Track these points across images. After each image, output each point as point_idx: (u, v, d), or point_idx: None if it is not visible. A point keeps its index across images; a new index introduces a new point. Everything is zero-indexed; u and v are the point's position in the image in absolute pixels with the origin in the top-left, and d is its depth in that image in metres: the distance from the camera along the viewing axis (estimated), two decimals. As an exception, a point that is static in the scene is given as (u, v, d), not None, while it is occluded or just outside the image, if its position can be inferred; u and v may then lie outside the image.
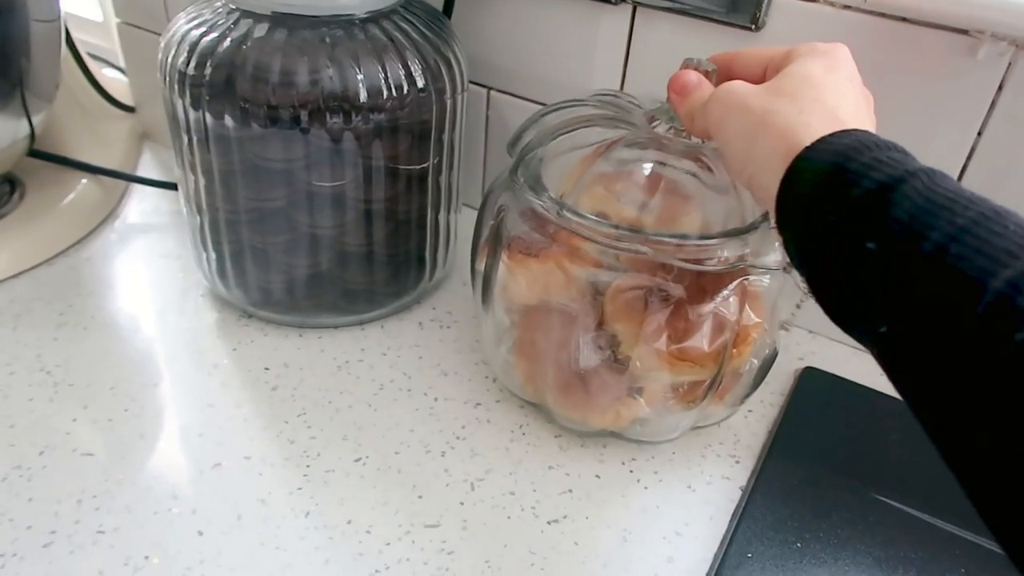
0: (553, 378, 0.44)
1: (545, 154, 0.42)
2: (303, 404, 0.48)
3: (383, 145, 0.47)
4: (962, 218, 0.25)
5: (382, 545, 0.40)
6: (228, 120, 0.45)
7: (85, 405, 0.46)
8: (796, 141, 0.30)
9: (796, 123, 0.31)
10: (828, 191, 0.28)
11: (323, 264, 0.51)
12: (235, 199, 0.48)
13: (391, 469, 0.44)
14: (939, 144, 0.46)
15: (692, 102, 0.38)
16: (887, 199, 0.26)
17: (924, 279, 0.25)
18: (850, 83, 0.34)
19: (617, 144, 0.41)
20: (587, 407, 0.44)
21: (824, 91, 0.33)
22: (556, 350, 0.43)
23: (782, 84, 0.34)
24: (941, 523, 0.42)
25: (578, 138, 0.42)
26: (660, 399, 0.43)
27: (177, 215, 0.64)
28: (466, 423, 0.47)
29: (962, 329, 0.24)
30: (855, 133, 0.30)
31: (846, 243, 0.27)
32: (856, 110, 0.33)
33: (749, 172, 0.33)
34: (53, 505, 0.40)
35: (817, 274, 0.29)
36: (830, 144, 0.29)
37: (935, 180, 0.26)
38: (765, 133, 0.32)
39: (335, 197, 0.48)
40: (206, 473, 0.43)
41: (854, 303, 0.28)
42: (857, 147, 0.29)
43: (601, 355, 0.42)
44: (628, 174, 0.41)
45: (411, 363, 0.52)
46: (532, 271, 0.42)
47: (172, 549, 0.39)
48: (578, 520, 0.42)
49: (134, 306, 0.55)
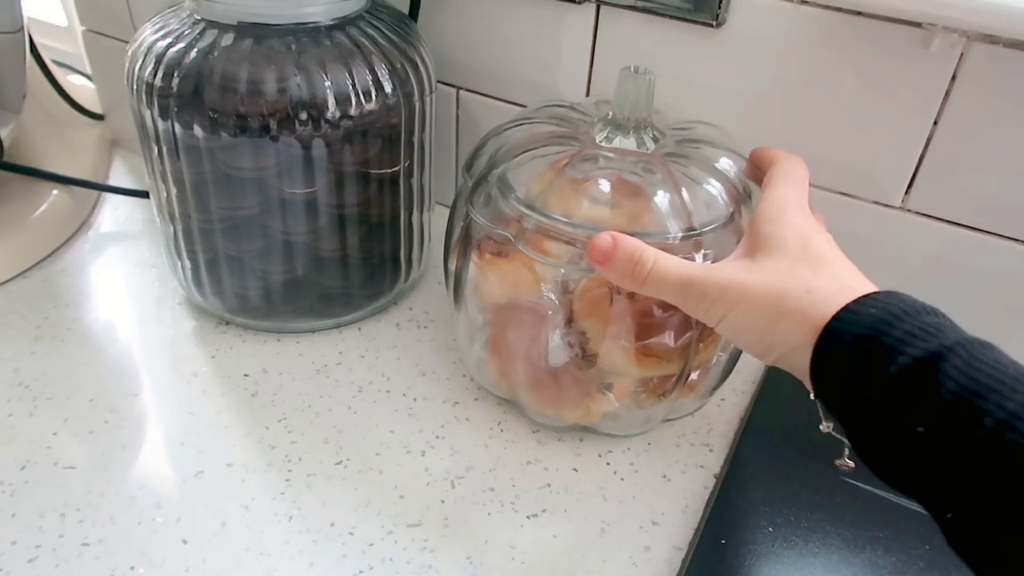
0: (524, 374, 0.45)
1: (509, 164, 0.43)
2: (283, 409, 0.48)
3: (353, 150, 0.48)
4: (1013, 402, 0.25)
5: (365, 546, 0.40)
6: (197, 130, 0.45)
7: (65, 418, 0.47)
8: (817, 319, 0.31)
9: (810, 303, 0.31)
10: (864, 367, 0.29)
11: (298, 270, 0.51)
12: (208, 208, 0.49)
13: (372, 470, 0.45)
14: (897, 134, 0.47)
15: (625, 271, 0.36)
16: (930, 379, 0.27)
17: (985, 463, 0.25)
18: (827, 244, 0.35)
19: (574, 158, 0.42)
20: (559, 402, 0.45)
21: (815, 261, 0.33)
22: (527, 347, 0.44)
23: (772, 257, 0.33)
24: (906, 502, 0.44)
25: (540, 151, 0.43)
26: (629, 394, 0.44)
27: (151, 223, 0.64)
28: (445, 422, 0.48)
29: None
30: (878, 299, 0.30)
31: (893, 423, 0.28)
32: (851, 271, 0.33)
33: (774, 357, 0.34)
34: (37, 519, 0.41)
35: (866, 450, 0.30)
36: (857, 315, 0.30)
37: (974, 354, 0.27)
38: (780, 321, 0.32)
39: (307, 203, 0.48)
40: (189, 481, 0.43)
41: (910, 481, 0.28)
42: (887, 319, 0.29)
43: (570, 352, 0.43)
44: (592, 178, 0.42)
45: (389, 364, 0.52)
46: (502, 271, 0.43)
47: (157, 558, 0.39)
48: (557, 513, 0.43)
49: (111, 316, 0.55)
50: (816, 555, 0.41)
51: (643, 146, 0.43)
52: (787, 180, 0.38)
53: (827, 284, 0.32)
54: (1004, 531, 0.25)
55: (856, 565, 0.40)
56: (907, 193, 0.49)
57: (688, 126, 0.46)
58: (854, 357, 0.29)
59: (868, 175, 0.50)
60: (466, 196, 0.44)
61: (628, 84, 0.42)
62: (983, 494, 0.25)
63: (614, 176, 0.41)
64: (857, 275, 0.33)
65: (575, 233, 0.40)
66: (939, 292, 0.51)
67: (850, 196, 0.51)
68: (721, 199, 0.41)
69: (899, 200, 0.49)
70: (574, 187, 0.41)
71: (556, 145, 0.43)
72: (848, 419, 0.31)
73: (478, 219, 0.43)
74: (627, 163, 0.41)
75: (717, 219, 0.40)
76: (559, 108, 0.46)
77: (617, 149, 0.42)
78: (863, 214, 0.51)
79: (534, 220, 0.40)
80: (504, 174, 0.43)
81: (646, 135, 0.43)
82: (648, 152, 0.42)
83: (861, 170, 0.50)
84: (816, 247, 0.34)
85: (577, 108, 0.46)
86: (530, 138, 0.44)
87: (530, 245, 0.41)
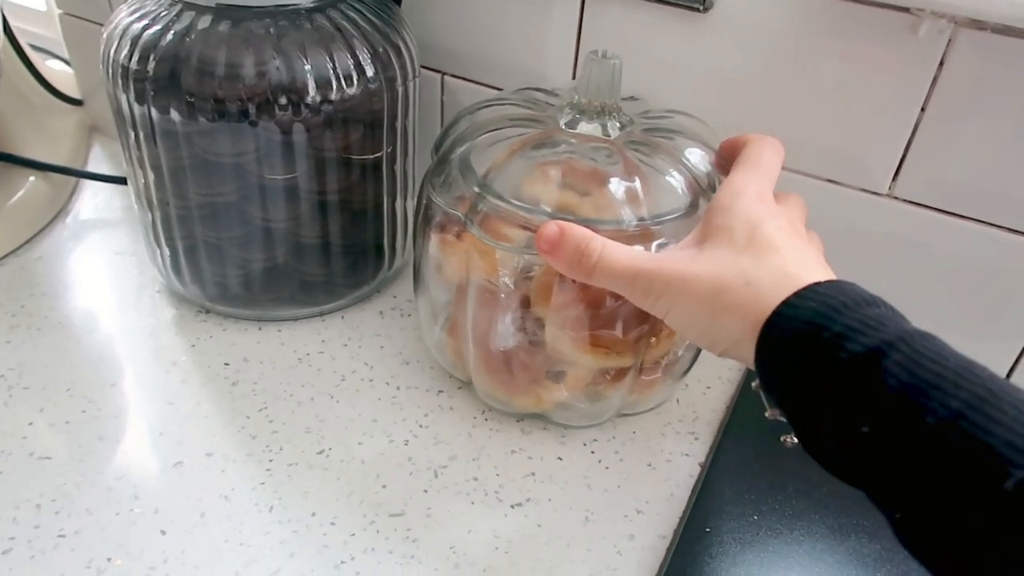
0: (476, 357, 0.45)
1: (472, 145, 0.42)
2: (264, 398, 0.48)
3: (334, 136, 0.47)
4: (955, 399, 0.25)
5: (347, 536, 0.40)
6: (174, 114, 0.44)
7: (41, 408, 0.46)
8: (757, 313, 0.30)
9: (750, 296, 0.31)
10: (805, 363, 0.28)
11: (279, 257, 0.50)
12: (186, 194, 0.48)
13: (354, 460, 0.44)
14: (884, 120, 0.47)
15: (572, 261, 0.35)
16: (872, 376, 0.26)
17: (929, 462, 0.25)
18: (779, 230, 0.33)
19: (532, 141, 0.41)
20: (509, 387, 0.45)
21: (761, 250, 0.32)
22: (480, 329, 0.43)
23: (718, 247, 0.33)
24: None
25: (504, 132, 0.43)
26: (582, 385, 0.44)
27: (130, 210, 0.63)
28: (429, 411, 0.48)
29: (993, 504, 0.23)
30: (818, 291, 0.30)
31: (836, 421, 0.27)
32: (798, 259, 0.32)
33: (720, 351, 0.33)
34: (11, 510, 0.40)
35: (811, 445, 0.30)
36: (795, 309, 0.29)
37: (916, 347, 0.26)
38: (721, 315, 0.32)
39: (288, 190, 0.47)
40: (168, 472, 0.43)
41: (856, 477, 0.28)
42: (826, 312, 0.28)
43: (520, 336, 0.42)
44: (546, 162, 0.41)
45: (372, 353, 0.52)
46: (458, 252, 0.42)
47: (135, 550, 0.39)
48: (541, 502, 0.43)
49: (89, 305, 0.54)
50: (801, 543, 0.41)
51: (607, 133, 0.42)
52: (751, 164, 0.36)
53: (768, 275, 0.31)
54: (951, 530, 0.25)
55: (841, 553, 0.40)
56: (894, 180, 0.49)
57: (664, 115, 0.45)
58: (795, 352, 0.29)
59: (855, 162, 0.49)
60: (428, 173, 0.43)
61: (594, 69, 0.41)
62: (928, 493, 0.25)
63: (568, 161, 0.41)
64: (804, 263, 0.32)
65: (526, 217, 0.39)
66: (926, 281, 0.51)
67: (836, 183, 0.50)
68: (681, 190, 0.40)
69: (886, 187, 0.49)
70: (528, 170, 0.41)
71: (520, 127, 0.42)
72: (792, 414, 0.30)
73: (435, 199, 0.42)
74: (586, 149, 0.41)
75: (674, 211, 0.40)
76: (536, 92, 0.46)
77: (579, 135, 0.42)
78: (849, 201, 0.50)
79: (488, 202, 0.40)
80: (466, 155, 0.42)
81: (611, 121, 0.42)
82: (610, 139, 0.42)
83: (848, 157, 0.49)
84: (765, 235, 0.33)
85: (554, 92, 0.46)
86: (496, 119, 0.43)
87: (484, 228, 0.40)
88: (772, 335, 0.30)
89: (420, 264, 0.46)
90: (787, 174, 0.51)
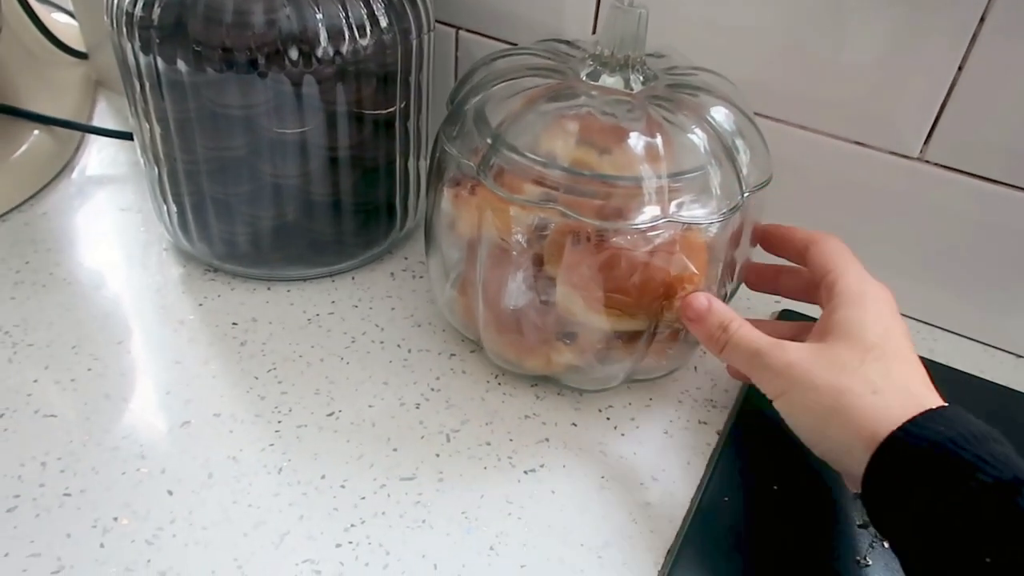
0: (486, 316, 0.43)
1: (487, 95, 0.41)
2: (273, 359, 0.47)
3: (346, 89, 0.45)
4: None
5: (357, 499, 0.39)
6: (181, 64, 0.43)
7: (46, 365, 0.45)
8: (878, 424, 0.30)
9: (871, 405, 0.31)
10: (931, 486, 0.28)
11: (288, 215, 0.49)
12: (193, 148, 0.46)
13: (365, 423, 0.43)
14: (918, 79, 0.45)
15: (712, 335, 0.38)
16: (1006, 507, 0.26)
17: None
18: (905, 337, 0.34)
19: (549, 92, 0.40)
20: (519, 348, 0.44)
21: (891, 357, 0.32)
22: (491, 288, 0.42)
23: (846, 343, 0.33)
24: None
25: (521, 82, 0.41)
26: (593, 347, 0.42)
27: (136, 166, 0.62)
28: (440, 374, 0.47)
29: None
30: (946, 415, 0.30)
31: (959, 546, 0.27)
32: (922, 376, 0.33)
33: (823, 450, 0.33)
34: (16, 468, 0.39)
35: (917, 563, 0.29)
36: (924, 430, 0.29)
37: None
38: (839, 415, 0.31)
39: (298, 144, 0.46)
40: (175, 431, 0.42)
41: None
42: (958, 439, 0.28)
43: (531, 295, 0.41)
44: (564, 114, 0.39)
45: (383, 315, 0.51)
46: (470, 208, 0.41)
47: (142, 509, 0.38)
48: (555, 469, 0.42)
49: (95, 262, 0.53)
50: (823, 511, 0.40)
51: (629, 87, 0.40)
52: (850, 258, 0.38)
53: (895, 388, 0.31)
54: None
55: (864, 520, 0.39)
56: (926, 143, 0.47)
57: (690, 72, 0.43)
58: (919, 473, 0.29)
59: (885, 124, 0.48)
60: (441, 127, 0.42)
61: (618, 18, 0.39)
62: None
63: (587, 117, 0.39)
64: (926, 382, 0.33)
65: (542, 171, 0.38)
66: (957, 249, 0.49)
67: (865, 146, 0.49)
68: (704, 149, 0.39)
69: (917, 150, 0.47)
70: (545, 124, 0.39)
71: (538, 77, 0.41)
72: (899, 531, 0.30)
73: (448, 149, 0.41)
74: (607, 102, 0.39)
75: (695, 168, 0.38)
76: (557, 43, 0.44)
77: (600, 87, 0.40)
78: (878, 165, 0.49)
79: (502, 155, 0.38)
80: (481, 105, 0.41)
81: (634, 75, 0.41)
82: (632, 93, 0.40)
83: (878, 118, 0.48)
84: (896, 342, 0.33)
85: (576, 44, 0.44)
86: (514, 69, 0.42)
87: (498, 182, 0.39)
88: (895, 449, 0.30)
89: (432, 220, 0.44)
90: (813, 136, 0.50)
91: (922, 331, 0.53)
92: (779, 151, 0.43)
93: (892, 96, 0.46)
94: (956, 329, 0.53)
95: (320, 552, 0.37)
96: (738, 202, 0.39)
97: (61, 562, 0.35)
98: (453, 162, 0.41)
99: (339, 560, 0.36)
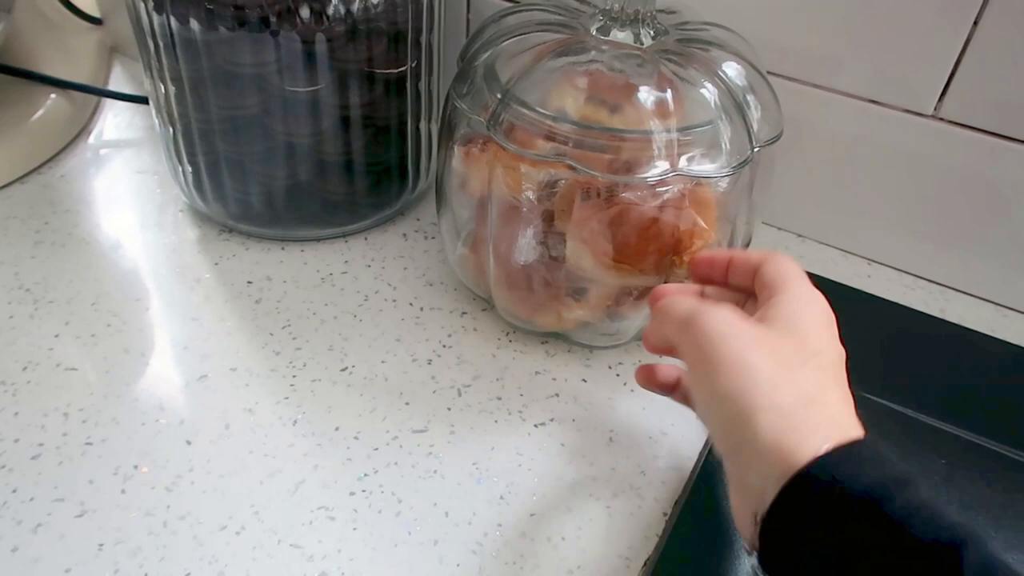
0: (497, 273, 0.44)
1: (496, 50, 0.41)
2: (287, 316, 0.47)
3: (357, 48, 0.45)
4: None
5: (370, 450, 0.40)
6: (193, 23, 0.43)
7: (67, 321, 0.46)
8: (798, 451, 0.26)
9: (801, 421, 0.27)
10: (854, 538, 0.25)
11: (301, 175, 0.49)
12: (207, 108, 0.47)
13: (378, 377, 0.44)
14: (932, 35, 0.45)
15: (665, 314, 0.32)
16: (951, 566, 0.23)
17: None
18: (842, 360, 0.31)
19: (559, 47, 0.40)
20: (529, 305, 0.44)
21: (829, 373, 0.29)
22: (501, 245, 0.42)
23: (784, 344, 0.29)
24: (922, 416, 0.43)
25: (531, 38, 0.41)
26: (603, 303, 0.43)
27: (151, 130, 0.62)
28: (452, 331, 0.47)
29: None
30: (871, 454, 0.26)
31: None
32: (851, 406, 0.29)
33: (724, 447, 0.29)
34: (39, 418, 0.40)
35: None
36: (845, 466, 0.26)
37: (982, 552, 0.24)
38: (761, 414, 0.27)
39: (310, 103, 0.46)
40: (192, 385, 0.43)
41: None
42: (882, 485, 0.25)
43: (541, 251, 0.41)
44: (572, 69, 0.39)
45: (396, 274, 0.51)
46: (480, 165, 0.41)
47: (161, 458, 0.39)
48: (565, 423, 0.42)
49: (112, 222, 0.54)
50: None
51: (639, 41, 0.40)
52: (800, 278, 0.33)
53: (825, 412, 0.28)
54: None
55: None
56: (940, 100, 0.46)
57: (701, 27, 0.43)
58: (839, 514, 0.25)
59: (899, 81, 0.47)
60: (451, 83, 0.42)
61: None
62: None
63: (596, 73, 0.39)
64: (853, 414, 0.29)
65: (551, 126, 0.38)
66: (973, 209, 0.49)
67: (878, 103, 0.48)
68: (714, 103, 0.39)
69: (931, 108, 0.47)
70: (554, 80, 0.39)
71: (548, 33, 0.41)
72: None
73: (459, 106, 0.41)
74: (617, 56, 0.39)
75: (703, 123, 0.38)
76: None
77: (610, 42, 0.40)
78: (892, 123, 0.48)
79: (512, 110, 0.38)
80: (491, 61, 0.41)
81: (645, 30, 0.41)
82: (642, 47, 0.40)
83: (891, 76, 0.47)
84: (837, 359, 0.30)
85: (588, 1, 0.44)
86: (523, 24, 0.42)
87: (509, 138, 0.39)
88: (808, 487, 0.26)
89: (443, 179, 0.45)
90: (825, 94, 0.50)
91: (933, 291, 0.53)
92: (792, 110, 0.43)
93: (906, 53, 0.46)
94: (968, 289, 0.52)
95: (334, 499, 0.38)
96: (748, 156, 0.39)
97: (84, 506, 0.36)
98: (464, 119, 0.42)
99: (352, 507, 0.37)
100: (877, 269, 0.54)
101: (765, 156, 0.41)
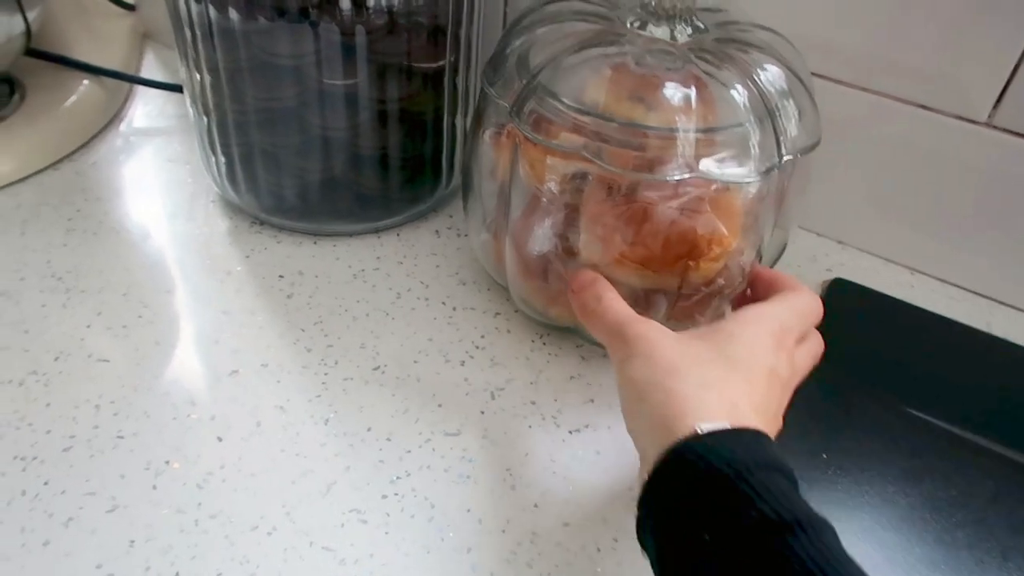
0: (513, 260, 0.43)
1: (530, 39, 0.40)
2: (319, 312, 0.47)
3: (396, 41, 0.45)
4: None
5: (403, 452, 0.39)
6: (232, 13, 0.42)
7: (99, 311, 0.46)
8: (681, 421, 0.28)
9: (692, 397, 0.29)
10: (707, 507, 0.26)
11: (336, 168, 0.49)
12: (243, 98, 0.46)
13: (410, 378, 0.43)
14: (989, 41, 0.43)
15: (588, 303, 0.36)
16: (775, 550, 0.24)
17: None
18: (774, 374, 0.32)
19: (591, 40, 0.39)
20: (543, 295, 0.43)
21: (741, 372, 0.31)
22: (520, 233, 0.42)
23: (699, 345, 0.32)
24: (968, 435, 0.42)
25: (565, 27, 0.40)
26: None
27: (184, 119, 0.62)
28: (485, 332, 0.46)
29: None
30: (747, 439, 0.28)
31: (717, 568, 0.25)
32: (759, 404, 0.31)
33: (631, 427, 0.32)
34: (71, 410, 0.40)
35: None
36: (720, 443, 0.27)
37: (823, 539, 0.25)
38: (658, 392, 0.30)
39: (347, 96, 0.45)
40: (223, 380, 0.42)
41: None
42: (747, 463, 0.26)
43: (556, 242, 0.40)
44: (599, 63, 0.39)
45: (428, 272, 0.50)
46: (506, 153, 0.40)
47: (192, 454, 0.38)
48: (600, 429, 0.42)
49: (143, 212, 0.54)
50: (872, 483, 0.39)
51: (674, 37, 0.39)
52: (786, 305, 0.36)
53: (721, 396, 0.30)
54: None
55: (914, 496, 0.39)
56: (995, 108, 0.45)
57: (746, 29, 0.42)
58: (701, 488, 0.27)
59: (952, 86, 0.46)
60: (482, 72, 0.42)
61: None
62: None
63: (624, 66, 0.38)
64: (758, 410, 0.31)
65: (577, 118, 0.37)
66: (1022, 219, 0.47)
67: (930, 109, 0.47)
68: (744, 106, 0.37)
69: (985, 115, 0.46)
70: (581, 71, 0.38)
71: (584, 23, 0.40)
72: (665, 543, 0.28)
73: (488, 91, 0.40)
74: (648, 51, 0.38)
75: (729, 125, 0.37)
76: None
77: (643, 36, 0.39)
78: (942, 129, 0.47)
79: (538, 100, 0.38)
80: (525, 48, 0.40)
81: (681, 26, 0.40)
82: (675, 44, 0.39)
83: (945, 81, 0.46)
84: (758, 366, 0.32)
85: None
86: (561, 14, 0.41)
87: (535, 128, 0.38)
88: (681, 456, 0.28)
89: (471, 166, 0.44)
90: (875, 98, 0.48)
91: (979, 304, 0.51)
92: (840, 113, 0.42)
93: (961, 58, 0.45)
94: (1016, 303, 0.51)
95: (366, 502, 0.37)
96: (775, 163, 0.38)
97: (115, 501, 0.36)
98: (492, 105, 0.41)
99: (385, 511, 0.37)
100: (920, 279, 0.53)
101: (802, 164, 0.40)
